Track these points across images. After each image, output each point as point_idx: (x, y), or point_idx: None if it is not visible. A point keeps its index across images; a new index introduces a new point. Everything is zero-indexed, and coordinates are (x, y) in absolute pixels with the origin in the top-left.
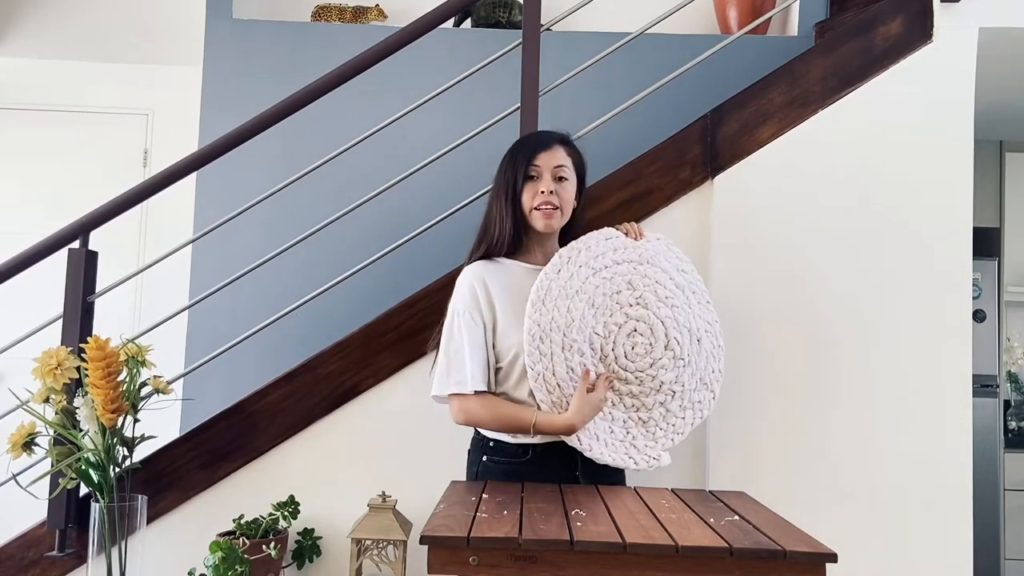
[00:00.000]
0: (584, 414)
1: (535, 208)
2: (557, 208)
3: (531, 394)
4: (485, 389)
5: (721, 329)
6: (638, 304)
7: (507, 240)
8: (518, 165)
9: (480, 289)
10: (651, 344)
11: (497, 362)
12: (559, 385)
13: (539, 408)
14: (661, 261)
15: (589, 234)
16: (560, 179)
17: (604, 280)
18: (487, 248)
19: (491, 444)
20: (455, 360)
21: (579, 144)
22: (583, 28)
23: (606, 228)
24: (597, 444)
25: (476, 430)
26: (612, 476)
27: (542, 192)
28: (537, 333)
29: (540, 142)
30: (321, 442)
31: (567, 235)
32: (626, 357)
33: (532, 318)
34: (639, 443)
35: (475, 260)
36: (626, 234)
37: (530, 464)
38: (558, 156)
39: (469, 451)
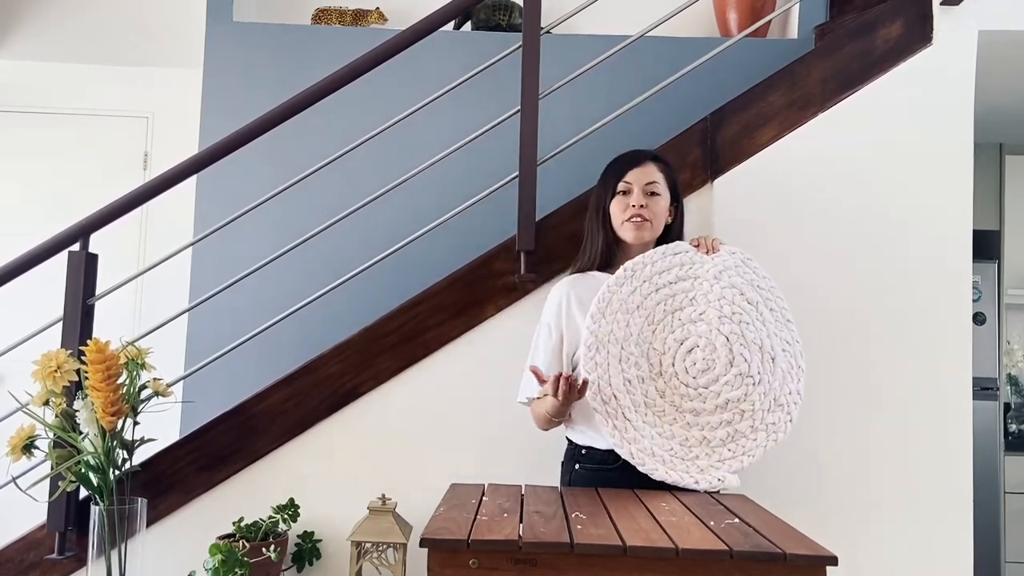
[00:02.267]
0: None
1: (625, 220)
2: (647, 220)
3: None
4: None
5: (803, 349)
6: (700, 320)
7: (599, 255)
8: (608, 182)
9: (564, 303)
10: (712, 360)
11: (574, 370)
12: (615, 396)
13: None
14: (732, 276)
15: (657, 248)
16: (652, 194)
17: (666, 296)
18: (581, 264)
19: (583, 452)
20: (527, 371)
21: (579, 148)
22: (583, 31)
23: (677, 242)
24: (652, 460)
25: (568, 439)
26: None
27: (632, 206)
28: (593, 344)
29: (631, 159)
30: (321, 445)
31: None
32: (687, 372)
33: (590, 329)
34: (702, 463)
35: (569, 275)
36: (697, 247)
37: (621, 471)
38: (649, 172)
39: (563, 461)
